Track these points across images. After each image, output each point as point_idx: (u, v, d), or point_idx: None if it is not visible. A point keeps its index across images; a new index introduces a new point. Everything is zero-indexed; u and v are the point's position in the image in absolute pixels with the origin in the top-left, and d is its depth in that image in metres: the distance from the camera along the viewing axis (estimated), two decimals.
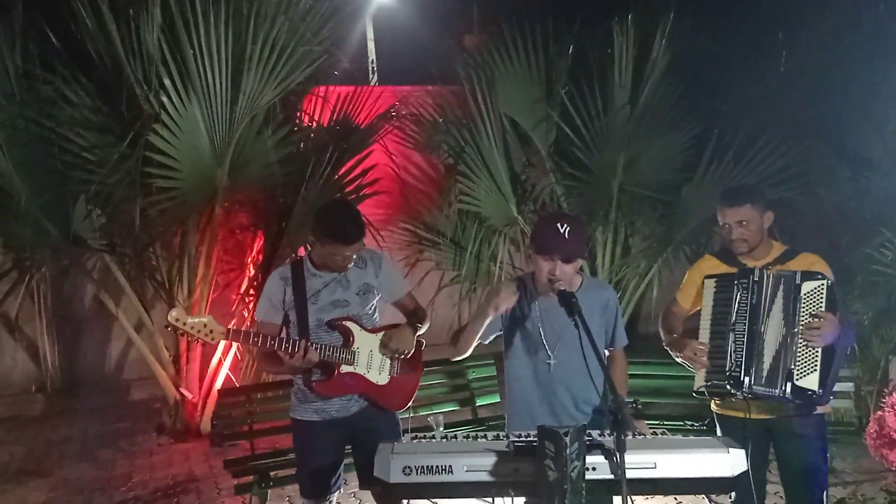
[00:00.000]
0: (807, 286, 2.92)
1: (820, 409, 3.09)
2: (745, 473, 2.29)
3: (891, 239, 4.96)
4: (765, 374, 2.91)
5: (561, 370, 2.86)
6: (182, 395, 6.34)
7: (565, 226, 2.74)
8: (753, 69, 6.16)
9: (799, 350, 2.88)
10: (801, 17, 6.07)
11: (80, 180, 5.76)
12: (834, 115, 5.68)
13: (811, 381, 2.86)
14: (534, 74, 6.17)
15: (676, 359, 3.17)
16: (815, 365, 2.86)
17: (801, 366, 2.88)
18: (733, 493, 3.19)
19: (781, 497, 4.02)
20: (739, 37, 6.37)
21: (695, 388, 3.09)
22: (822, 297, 2.90)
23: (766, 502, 4.30)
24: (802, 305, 2.91)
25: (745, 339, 2.95)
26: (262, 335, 3.03)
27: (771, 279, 2.98)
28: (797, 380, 2.86)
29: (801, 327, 2.88)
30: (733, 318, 3.00)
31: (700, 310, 3.17)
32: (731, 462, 2.28)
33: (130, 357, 7.58)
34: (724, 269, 3.18)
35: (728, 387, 2.95)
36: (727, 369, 2.97)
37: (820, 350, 2.86)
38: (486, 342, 3.04)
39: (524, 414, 2.91)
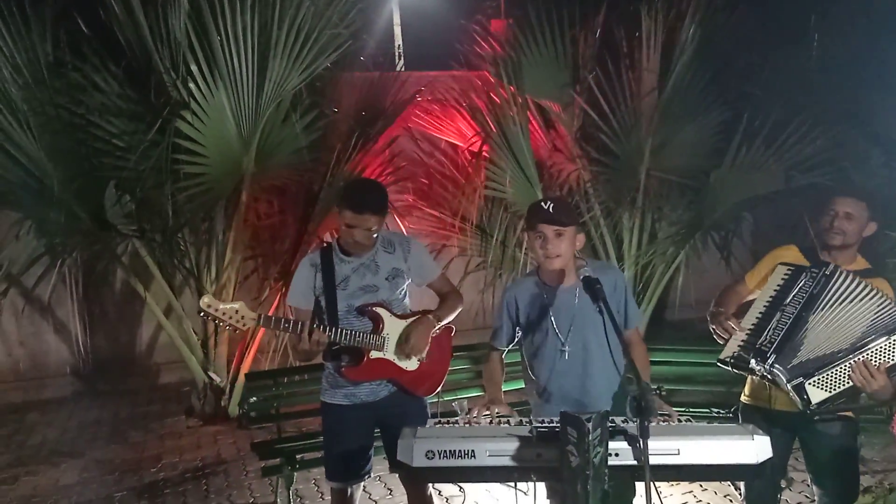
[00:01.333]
0: None
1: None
2: (769, 461, 2.27)
3: None
4: (794, 361, 2.86)
5: (576, 357, 2.86)
6: (210, 378, 6.42)
7: (548, 202, 2.78)
8: (784, 53, 6.05)
9: (837, 369, 2.82)
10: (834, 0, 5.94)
11: (110, 167, 5.83)
12: (867, 99, 5.56)
13: (816, 394, 2.81)
14: (560, 59, 6.12)
15: (711, 328, 3.11)
16: (834, 388, 2.81)
17: (824, 379, 2.82)
18: (742, 487, 3.17)
19: (808, 485, 4.00)
20: (770, 20, 6.25)
21: (720, 357, 3.05)
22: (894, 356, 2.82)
23: (793, 490, 4.30)
24: (881, 346, 2.81)
25: (789, 322, 2.90)
26: (292, 322, 3.05)
27: (854, 283, 2.87)
28: (808, 383, 2.82)
29: (859, 358, 2.81)
30: (788, 300, 2.94)
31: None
32: (755, 449, 2.27)
33: (160, 341, 7.69)
34: (802, 261, 3.10)
35: (753, 360, 2.90)
36: (759, 342, 2.92)
37: (851, 385, 2.81)
38: (509, 348, 3.08)
39: (544, 404, 2.92)
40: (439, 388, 3.39)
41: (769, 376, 2.90)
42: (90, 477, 5.34)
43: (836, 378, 2.82)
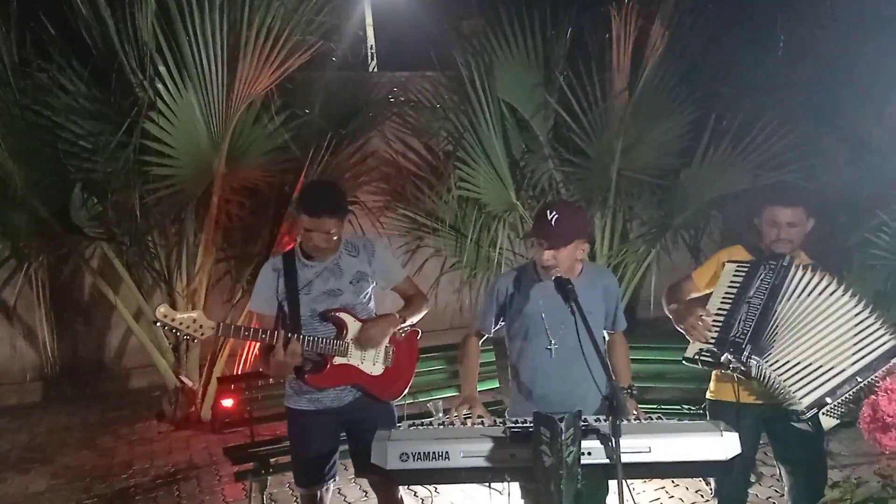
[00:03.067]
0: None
1: None
2: (738, 456, 2.31)
3: (888, 222, 4.95)
4: (767, 351, 2.91)
5: (563, 356, 2.88)
6: (182, 382, 6.36)
7: (554, 213, 2.77)
8: (752, 53, 6.13)
9: (850, 389, 2.85)
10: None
11: (76, 168, 5.75)
12: (833, 98, 5.65)
13: (828, 422, 2.93)
14: (532, 60, 6.14)
15: (678, 326, 3.15)
16: (849, 412, 2.87)
17: (838, 405, 2.87)
18: (712, 482, 3.22)
19: (777, 479, 4.06)
20: (738, 20, 6.33)
21: (685, 356, 3.07)
22: None
23: (763, 484, 4.37)
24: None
25: (758, 312, 2.94)
26: (252, 329, 3.02)
27: (805, 271, 2.94)
28: (822, 413, 2.87)
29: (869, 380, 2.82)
30: (751, 292, 2.99)
31: (710, 293, 3.16)
32: (725, 446, 2.29)
33: (130, 345, 7.60)
34: (750, 259, 3.17)
35: (728, 353, 2.93)
36: (732, 335, 2.95)
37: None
38: (492, 334, 3.08)
39: (527, 401, 2.93)
40: (405, 392, 3.35)
41: (743, 367, 2.93)
42: (60, 483, 5.26)
43: (849, 402, 2.85)
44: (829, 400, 2.82)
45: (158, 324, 2.94)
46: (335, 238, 3.08)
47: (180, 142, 5.64)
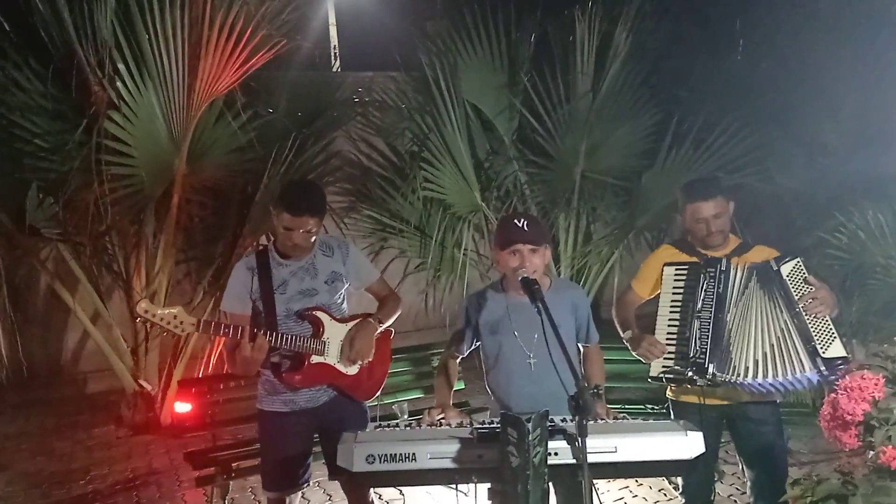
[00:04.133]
0: (786, 268, 2.98)
1: (772, 396, 3.15)
2: (702, 456, 2.33)
3: (844, 223, 5.06)
4: (728, 362, 2.95)
5: (542, 367, 2.88)
6: (141, 386, 6.25)
7: (522, 220, 2.81)
8: (712, 57, 6.23)
9: (812, 325, 2.93)
10: (759, 5, 6.14)
11: (33, 168, 5.62)
12: (790, 101, 5.77)
13: (837, 349, 2.89)
14: (496, 61, 6.16)
15: (634, 354, 3.19)
16: (833, 333, 2.92)
17: (822, 338, 2.92)
18: (680, 480, 3.26)
19: (739, 477, 4.13)
20: (699, 25, 6.43)
21: (651, 375, 3.10)
22: (802, 271, 2.97)
23: (724, 482, 4.43)
24: (793, 286, 2.96)
25: (710, 327, 2.98)
26: (232, 326, 2.98)
27: (742, 271, 3.01)
28: (824, 353, 2.89)
29: (803, 304, 2.93)
30: (699, 305, 3.02)
31: (656, 297, 3.20)
32: (689, 445, 2.32)
33: (87, 348, 7.44)
34: (683, 258, 3.21)
35: (691, 373, 2.97)
36: (691, 356, 2.99)
37: (829, 318, 2.93)
38: (465, 354, 3.08)
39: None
40: (379, 392, 3.36)
41: (712, 385, 2.97)
42: (16, 490, 5.14)
43: (821, 329, 2.93)
44: (814, 344, 2.90)
45: (139, 319, 2.90)
46: (313, 238, 3.08)
47: (140, 141, 5.54)
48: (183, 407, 4.46)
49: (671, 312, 3.10)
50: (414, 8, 7.18)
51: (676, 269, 3.15)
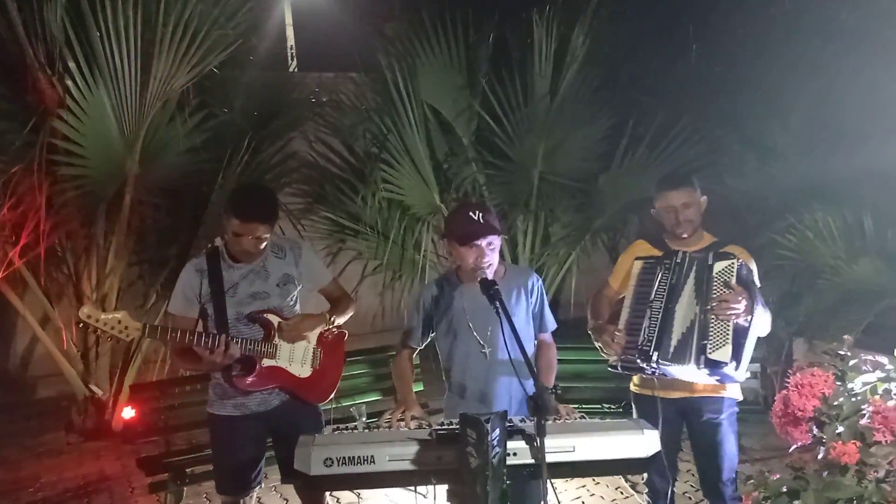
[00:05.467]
0: (718, 265, 3.03)
1: (728, 393, 3.21)
2: (658, 454, 2.36)
3: (795, 224, 5.18)
4: (672, 350, 3.00)
5: (496, 358, 2.88)
6: (92, 391, 6.11)
7: (476, 211, 2.80)
8: (667, 61, 6.33)
9: (711, 325, 2.97)
10: (711, 10, 6.26)
11: None
12: (742, 106, 5.89)
13: (722, 354, 2.93)
14: (455, 63, 6.16)
15: (596, 344, 3.23)
16: (727, 339, 2.94)
17: (714, 340, 2.96)
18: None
19: (693, 474, 4.19)
20: (654, 30, 6.52)
21: (609, 364, 3.17)
22: (732, 275, 3.00)
23: (680, 479, 4.49)
24: (714, 284, 3.00)
25: (659, 317, 3.04)
26: (180, 331, 2.93)
27: (693, 261, 3.08)
28: (710, 353, 2.94)
29: (713, 304, 2.98)
30: (652, 296, 3.09)
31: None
32: (645, 443, 2.35)
33: (36, 353, 7.24)
34: (654, 252, 3.27)
35: (638, 361, 3.03)
36: (639, 344, 3.05)
37: (731, 325, 2.95)
38: (422, 346, 3.07)
39: (465, 405, 2.91)
40: (333, 395, 3.33)
41: (660, 373, 3.02)
42: None
43: (719, 332, 2.96)
44: (704, 342, 2.95)
45: (81, 324, 2.83)
46: (264, 245, 3.04)
47: (91, 141, 5.42)
48: (128, 412, 4.38)
49: (633, 304, 3.16)
50: (372, 9, 7.14)
51: (644, 263, 3.20)
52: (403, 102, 5.99)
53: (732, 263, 3.02)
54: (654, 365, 3.00)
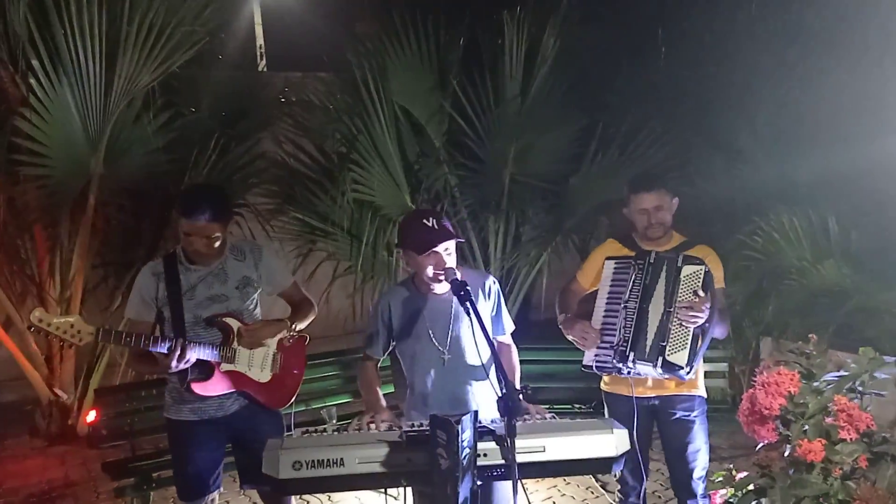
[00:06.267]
0: (686, 269, 3.05)
1: (699, 392, 3.25)
2: (628, 453, 2.37)
3: (762, 226, 5.25)
4: (647, 350, 3.03)
5: (456, 363, 2.87)
6: (56, 395, 5.99)
7: (430, 218, 2.76)
8: (636, 63, 6.37)
9: (673, 328, 3.01)
10: (680, 14, 6.32)
11: None
12: (710, 108, 5.95)
13: (679, 358, 2.99)
14: (426, 64, 6.14)
15: (567, 337, 3.24)
16: (686, 343, 3.00)
17: (673, 342, 3.01)
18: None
19: (662, 473, 4.23)
20: (624, 33, 6.56)
21: (583, 364, 3.18)
22: (699, 281, 3.03)
23: (649, 478, 4.52)
24: (681, 287, 3.03)
25: (634, 317, 3.07)
26: (135, 335, 2.87)
27: (664, 261, 3.11)
28: (668, 355, 3.00)
29: (676, 307, 3.01)
30: (627, 296, 3.12)
31: (596, 290, 3.26)
32: (615, 442, 2.36)
33: None
34: (625, 252, 3.29)
35: (614, 361, 3.06)
36: (615, 344, 3.08)
37: (691, 329, 3.00)
38: (384, 357, 3.04)
39: (423, 408, 2.89)
40: (293, 400, 3.28)
41: (636, 373, 3.05)
42: None
43: (679, 335, 3.01)
44: (663, 343, 3.00)
45: (33, 329, 2.77)
46: (217, 244, 2.99)
47: (54, 140, 5.31)
48: (93, 416, 4.31)
49: (607, 304, 3.18)
50: (342, 9, 7.12)
51: (615, 263, 3.22)
52: (374, 103, 5.96)
53: (701, 269, 3.05)
54: (630, 365, 3.03)
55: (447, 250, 2.75)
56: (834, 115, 5.21)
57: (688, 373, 3.02)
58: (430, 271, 2.75)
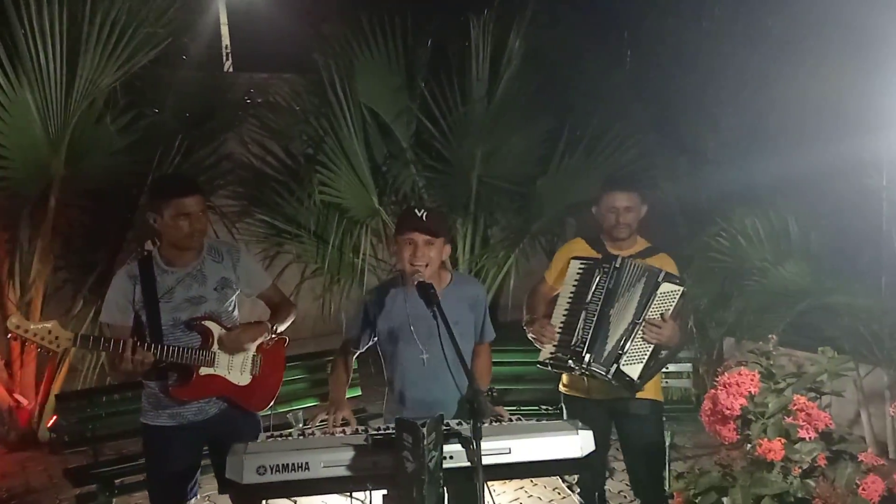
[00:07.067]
0: (665, 286, 3.06)
1: (653, 395, 3.29)
2: (594, 453, 2.39)
3: (725, 228, 5.32)
4: (605, 354, 3.06)
5: (435, 364, 2.87)
6: (17, 401, 5.87)
7: (423, 211, 2.80)
8: (602, 66, 6.43)
9: (635, 340, 3.05)
10: (645, 17, 6.39)
11: None
12: (675, 111, 6.02)
13: (633, 370, 3.04)
14: (393, 65, 6.14)
15: (528, 336, 3.26)
16: (643, 357, 3.05)
17: (631, 354, 3.04)
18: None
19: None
20: (590, 36, 6.62)
21: (539, 360, 3.20)
22: (673, 302, 3.06)
23: (615, 479, 4.56)
24: (655, 303, 3.05)
25: (595, 319, 3.09)
26: (112, 340, 2.82)
27: (634, 268, 3.11)
28: (623, 364, 3.03)
29: (644, 320, 3.04)
30: (589, 298, 3.13)
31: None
32: (580, 443, 2.37)
33: None
34: (591, 253, 3.31)
35: (570, 361, 3.09)
36: (572, 344, 3.10)
37: (652, 347, 3.04)
38: (363, 350, 3.03)
39: (404, 410, 2.90)
40: (272, 402, 3.27)
41: (589, 374, 3.07)
42: None
43: (638, 349, 3.05)
44: (620, 351, 3.04)
45: (10, 335, 2.71)
46: (203, 226, 2.97)
47: (14, 141, 5.22)
48: (54, 422, 4.24)
49: (567, 303, 3.19)
50: (309, 9, 7.07)
51: (580, 263, 3.23)
52: (341, 104, 5.95)
53: (677, 291, 3.06)
54: (584, 366, 3.05)
55: (429, 242, 2.75)
56: (794, 119, 5.30)
57: (637, 387, 3.06)
58: (405, 259, 2.77)
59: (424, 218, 2.77)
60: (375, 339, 3.00)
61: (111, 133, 5.59)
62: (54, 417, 4.23)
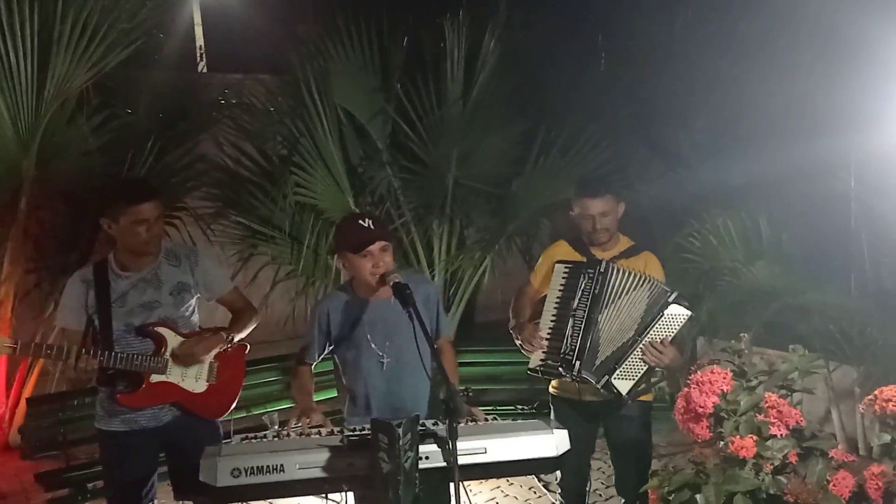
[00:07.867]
0: (673, 308, 3.04)
1: (643, 398, 3.31)
2: (568, 453, 2.40)
3: (699, 229, 5.38)
4: (596, 363, 3.06)
5: (394, 367, 2.86)
6: None
7: (367, 219, 2.76)
8: (576, 68, 6.47)
9: (632, 356, 3.04)
10: (618, 19, 6.44)
11: None
12: (648, 112, 6.08)
13: (623, 386, 3.04)
14: (369, 66, 6.13)
15: (516, 342, 3.25)
16: (636, 375, 3.05)
17: (625, 369, 3.04)
18: (559, 472, 3.37)
19: (604, 472, 4.29)
20: (565, 38, 6.66)
21: (529, 367, 3.19)
22: (678, 326, 3.05)
23: (591, 477, 4.58)
24: (659, 323, 3.04)
25: (582, 325, 3.07)
26: (55, 347, 2.78)
27: (623, 274, 3.08)
28: (614, 378, 3.03)
29: (647, 340, 3.03)
30: (576, 304, 3.10)
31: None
32: (555, 443, 2.38)
33: None
34: (575, 256, 3.30)
35: (560, 369, 3.08)
36: (562, 351, 3.08)
37: (647, 365, 3.04)
38: (318, 361, 3.00)
39: (362, 412, 2.88)
40: (230, 410, 3.20)
41: (581, 381, 3.08)
42: None
43: (633, 365, 3.04)
44: (615, 365, 3.04)
45: None
46: (158, 232, 2.93)
47: None
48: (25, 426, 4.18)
49: (554, 308, 3.17)
50: (284, 10, 7.05)
51: (565, 267, 3.22)
52: (316, 105, 5.92)
53: (685, 317, 3.05)
54: (574, 374, 3.05)
55: (384, 249, 2.73)
56: (765, 120, 5.37)
57: (624, 402, 3.06)
58: (367, 272, 2.73)
59: (373, 226, 2.73)
60: (331, 347, 2.95)
61: (83, 134, 5.53)
62: (30, 424, 4.17)
